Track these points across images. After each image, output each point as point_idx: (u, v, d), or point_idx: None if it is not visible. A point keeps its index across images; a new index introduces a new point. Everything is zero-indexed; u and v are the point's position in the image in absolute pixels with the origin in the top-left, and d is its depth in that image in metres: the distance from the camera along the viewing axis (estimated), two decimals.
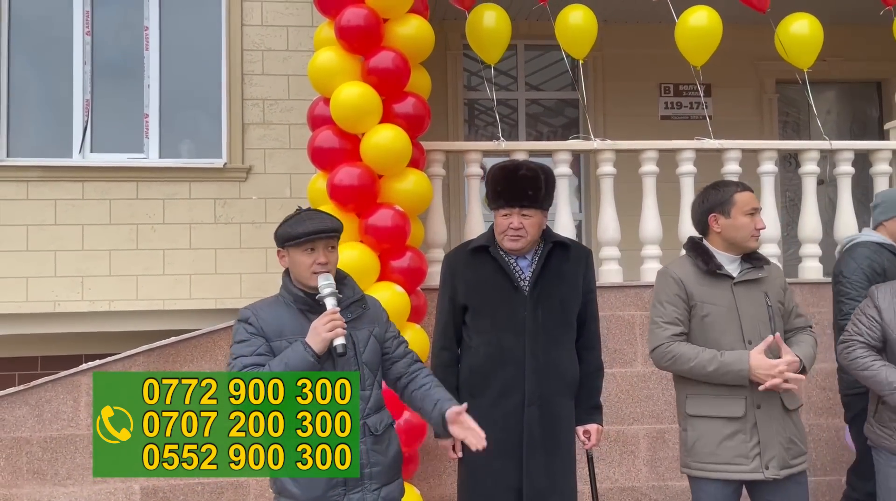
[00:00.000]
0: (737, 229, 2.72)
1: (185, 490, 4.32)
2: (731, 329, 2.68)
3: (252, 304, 2.45)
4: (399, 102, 3.77)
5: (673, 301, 2.74)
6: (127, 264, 5.79)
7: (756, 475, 2.63)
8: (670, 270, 2.83)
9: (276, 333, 2.33)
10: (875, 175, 4.62)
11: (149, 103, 5.98)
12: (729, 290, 2.72)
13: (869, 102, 7.62)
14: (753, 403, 2.64)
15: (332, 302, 2.31)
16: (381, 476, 2.37)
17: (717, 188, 2.82)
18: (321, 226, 2.36)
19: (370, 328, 2.45)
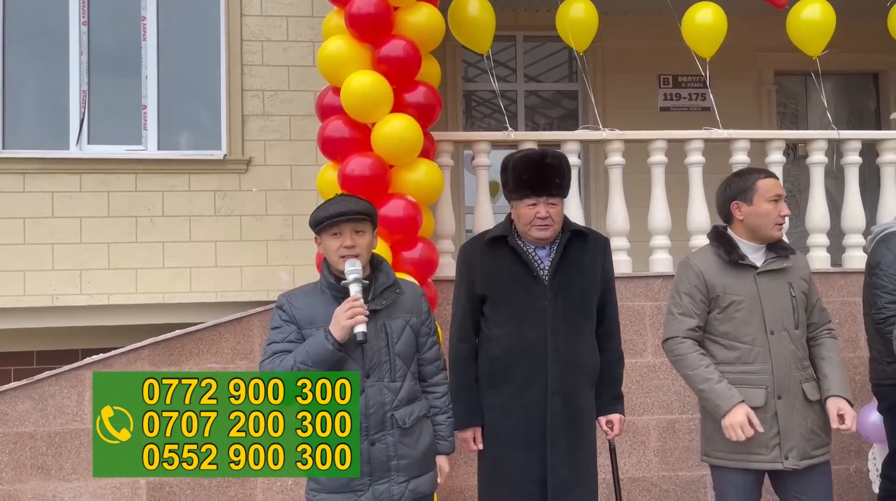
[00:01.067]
0: (759, 216, 2.70)
1: (191, 485, 4.28)
2: (754, 320, 2.67)
3: (290, 290, 2.48)
4: (410, 92, 3.73)
5: (691, 293, 2.73)
6: (126, 257, 5.72)
7: (776, 464, 2.63)
8: (692, 260, 2.81)
9: (308, 320, 2.33)
10: (882, 165, 4.63)
11: (147, 95, 5.90)
12: (752, 280, 2.70)
13: (866, 94, 7.66)
14: (774, 393, 2.63)
15: (356, 288, 2.28)
16: (409, 469, 2.36)
17: (741, 176, 2.80)
18: (343, 208, 2.33)
19: (407, 317, 2.42)
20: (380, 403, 2.32)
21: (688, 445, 4.30)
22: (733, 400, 2.58)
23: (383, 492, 2.31)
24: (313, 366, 2.24)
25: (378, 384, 2.33)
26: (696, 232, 4.47)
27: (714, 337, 2.74)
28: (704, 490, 4.31)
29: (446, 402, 2.54)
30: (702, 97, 7.33)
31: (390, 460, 2.32)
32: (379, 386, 2.33)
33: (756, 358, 2.66)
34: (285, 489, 4.32)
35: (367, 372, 2.32)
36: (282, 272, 5.88)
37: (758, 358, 2.66)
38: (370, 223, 2.40)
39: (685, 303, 2.74)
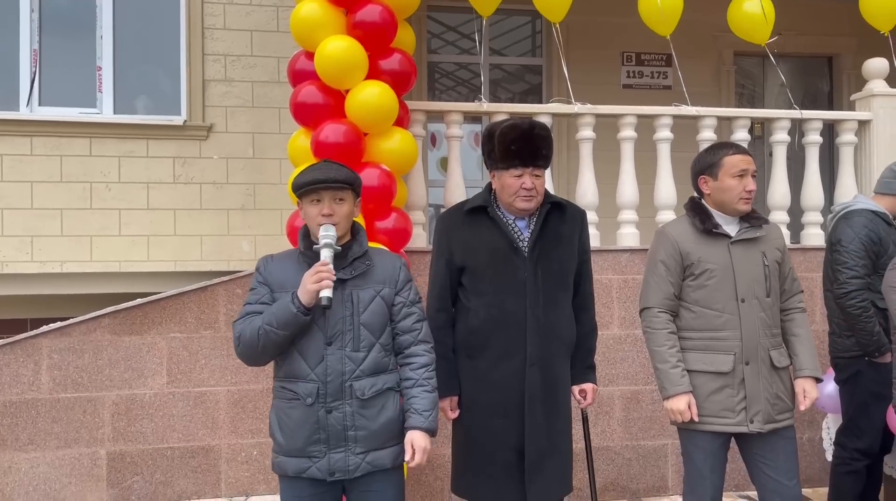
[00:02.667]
0: (723, 191, 2.76)
1: (153, 455, 4.21)
2: (726, 288, 2.74)
3: (271, 254, 2.47)
4: (385, 59, 3.67)
5: (666, 261, 2.80)
6: (80, 223, 5.56)
7: (741, 428, 2.72)
8: (667, 229, 2.87)
9: (279, 284, 2.33)
10: (841, 145, 4.77)
11: (102, 56, 5.71)
12: (726, 249, 2.76)
13: (820, 77, 7.84)
14: (742, 359, 2.72)
15: (327, 254, 2.26)
16: (368, 441, 2.32)
17: (710, 151, 2.85)
18: (323, 175, 2.30)
19: (378, 288, 2.38)
20: (338, 371, 2.29)
21: (650, 415, 4.40)
22: (680, 389, 2.71)
23: (339, 461, 2.29)
24: (278, 328, 2.23)
25: (339, 353, 2.29)
26: (664, 207, 4.53)
27: (686, 304, 2.80)
28: (665, 459, 4.42)
29: (423, 374, 2.42)
30: (664, 76, 7.41)
31: (347, 430, 2.29)
32: (340, 355, 2.29)
33: (726, 325, 2.73)
34: (250, 459, 4.29)
35: (328, 340, 2.30)
36: (243, 242, 5.78)
37: (727, 325, 2.73)
38: (352, 192, 2.36)
39: (661, 271, 2.80)
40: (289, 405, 2.32)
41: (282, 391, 2.35)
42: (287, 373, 2.33)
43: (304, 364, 2.29)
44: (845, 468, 3.56)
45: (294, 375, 2.31)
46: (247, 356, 2.34)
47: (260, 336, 2.25)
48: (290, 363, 2.32)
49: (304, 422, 2.29)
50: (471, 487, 2.73)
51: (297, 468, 2.31)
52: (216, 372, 4.27)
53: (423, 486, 4.18)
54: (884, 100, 4.74)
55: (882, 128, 4.72)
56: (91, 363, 4.17)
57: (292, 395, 2.31)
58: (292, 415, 2.30)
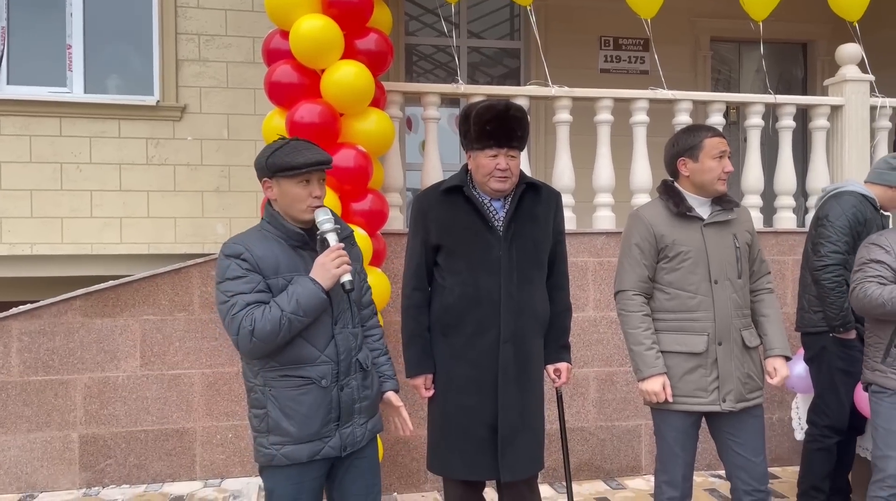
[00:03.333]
0: (703, 172, 2.79)
1: (126, 438, 4.18)
2: (699, 270, 2.77)
3: (238, 237, 2.30)
4: (361, 38, 3.64)
5: (641, 244, 2.81)
6: (50, 205, 5.47)
7: (713, 407, 2.76)
8: (641, 212, 2.88)
9: (272, 269, 2.23)
10: (814, 130, 4.82)
11: (72, 34, 5.60)
12: (699, 231, 2.80)
13: (795, 63, 7.91)
14: (715, 340, 2.76)
15: (335, 238, 2.26)
16: (369, 410, 2.41)
17: (689, 133, 2.87)
18: (319, 158, 2.26)
19: (356, 265, 2.40)
20: (348, 348, 2.32)
21: (625, 396, 4.44)
22: (655, 370, 2.74)
23: (348, 435, 2.32)
24: (304, 316, 2.17)
25: (345, 331, 2.33)
26: (639, 190, 4.56)
27: (660, 286, 2.83)
28: (639, 439, 4.47)
29: (382, 343, 2.58)
30: (641, 60, 7.42)
31: (355, 403, 2.33)
32: (346, 333, 2.33)
33: (699, 306, 2.76)
34: (225, 442, 4.27)
35: (335, 320, 2.31)
36: (218, 225, 5.73)
37: (701, 306, 2.76)
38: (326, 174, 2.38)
39: (635, 254, 2.82)
40: (298, 392, 2.23)
41: (284, 380, 2.24)
42: (290, 360, 2.24)
43: (312, 348, 2.25)
44: (815, 445, 3.64)
45: (300, 361, 2.24)
46: (259, 350, 2.18)
47: (282, 326, 2.14)
48: (293, 350, 2.23)
49: (319, 405, 2.25)
50: (445, 463, 2.75)
51: (310, 452, 2.25)
52: (191, 355, 4.24)
53: (398, 466, 4.20)
54: (856, 85, 4.79)
55: (853, 113, 4.78)
56: (62, 346, 4.11)
57: (302, 381, 2.24)
58: (304, 401, 2.23)
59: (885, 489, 2.88)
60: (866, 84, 4.83)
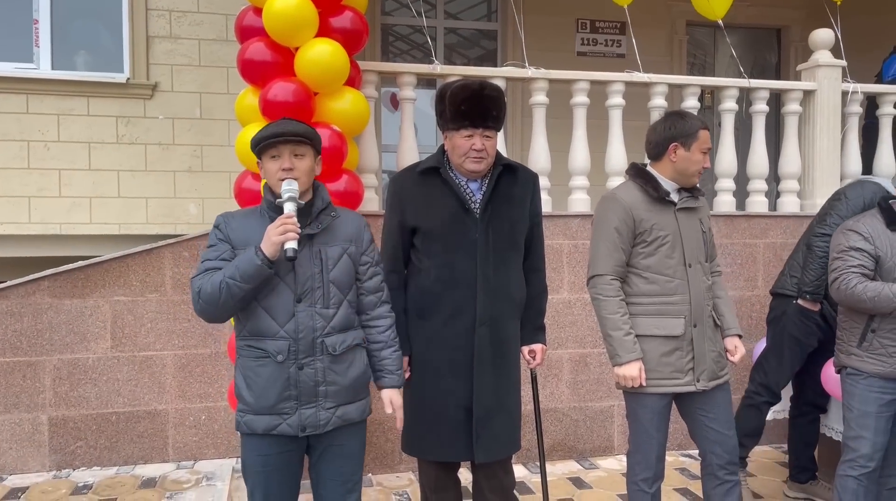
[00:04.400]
0: (691, 163, 2.80)
1: (97, 420, 4.13)
2: (675, 254, 2.80)
3: (229, 211, 2.43)
4: (336, 16, 3.58)
5: (619, 228, 2.80)
6: (17, 184, 5.37)
7: (689, 387, 2.81)
8: (619, 195, 2.87)
9: (243, 240, 2.29)
10: (786, 114, 4.86)
11: (38, 8, 5.47)
12: (673, 216, 2.82)
13: (768, 48, 7.96)
14: (691, 322, 2.80)
15: (290, 207, 2.24)
16: (338, 396, 2.35)
17: (683, 120, 2.85)
18: (281, 129, 2.27)
19: (345, 246, 2.37)
20: (310, 328, 2.29)
21: (598, 378, 4.48)
22: (633, 356, 2.75)
23: (310, 416, 2.30)
24: (241, 281, 2.20)
25: (310, 310, 2.30)
26: (614, 173, 4.57)
27: (637, 270, 2.83)
28: (611, 420, 4.52)
29: (391, 336, 2.50)
30: (617, 44, 7.43)
31: (318, 385, 2.31)
32: (310, 312, 2.30)
33: (676, 290, 2.79)
34: (198, 424, 4.24)
35: (298, 297, 2.29)
36: (190, 205, 5.66)
37: (678, 290, 2.79)
38: (311, 148, 2.33)
39: (613, 238, 2.81)
40: (257, 364, 2.29)
41: (248, 350, 2.32)
42: (253, 331, 2.31)
43: (273, 322, 2.28)
44: (746, 400, 3.83)
45: (261, 333, 2.29)
46: (207, 313, 2.28)
47: (222, 290, 2.21)
48: (255, 321, 2.29)
49: (275, 380, 2.27)
50: (420, 445, 2.75)
51: (267, 425, 2.30)
52: (163, 336, 4.19)
53: (373, 448, 4.20)
54: (828, 70, 4.83)
55: (826, 98, 4.83)
56: (31, 327, 4.04)
57: (261, 353, 2.29)
58: (261, 373, 2.28)
59: (855, 468, 2.95)
60: (839, 69, 4.88)
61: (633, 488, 2.89)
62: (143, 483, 3.93)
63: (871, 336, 2.93)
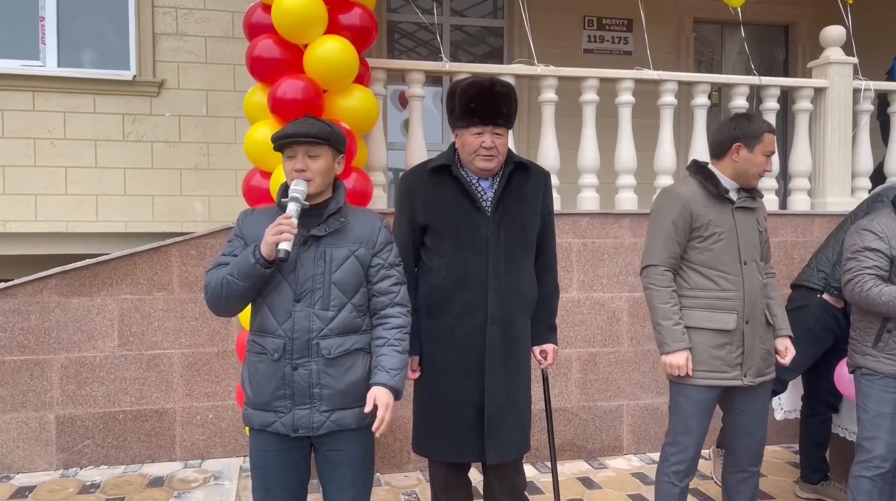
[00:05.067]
0: (752, 165, 2.84)
1: (104, 419, 4.12)
2: (731, 251, 2.84)
3: (251, 208, 2.47)
4: (345, 13, 3.55)
5: (677, 221, 2.84)
6: (23, 181, 5.35)
7: (736, 382, 2.86)
8: (679, 190, 2.90)
9: (254, 238, 2.29)
10: (797, 112, 4.82)
11: (45, 5, 5.46)
12: (730, 214, 2.87)
13: (777, 45, 7.91)
14: (743, 318, 2.84)
15: (292, 207, 2.23)
16: (333, 400, 2.29)
17: (751, 121, 2.87)
18: (294, 130, 2.26)
19: (353, 247, 2.33)
20: (305, 329, 2.26)
21: (607, 377, 4.46)
22: (681, 345, 2.81)
23: (303, 417, 2.28)
24: (238, 279, 2.22)
25: (307, 310, 2.26)
26: (624, 171, 4.54)
27: (692, 265, 2.87)
28: (620, 420, 4.50)
29: (396, 334, 2.36)
30: (624, 41, 7.39)
31: (312, 387, 2.27)
32: (308, 312, 2.26)
33: (730, 286, 2.82)
34: (206, 422, 4.22)
35: (297, 297, 2.27)
36: (196, 203, 5.65)
37: (732, 286, 2.83)
38: (328, 148, 2.30)
39: (670, 231, 2.84)
40: (257, 359, 2.32)
41: (253, 345, 2.35)
42: (258, 327, 2.33)
43: (273, 320, 2.29)
44: None
45: (264, 329, 2.31)
46: (214, 306, 2.32)
47: (223, 286, 2.24)
48: (261, 318, 2.32)
49: (271, 377, 2.28)
50: (431, 445, 2.73)
51: (262, 421, 2.32)
52: (170, 334, 4.18)
53: (381, 447, 4.18)
54: (839, 67, 4.80)
55: (837, 96, 4.79)
56: (38, 325, 4.03)
57: (260, 349, 2.31)
58: (260, 369, 2.31)
59: (870, 469, 2.93)
60: (850, 67, 4.84)
61: (663, 480, 2.94)
62: (150, 482, 3.92)
63: (887, 337, 2.91)
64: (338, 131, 2.36)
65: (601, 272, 4.42)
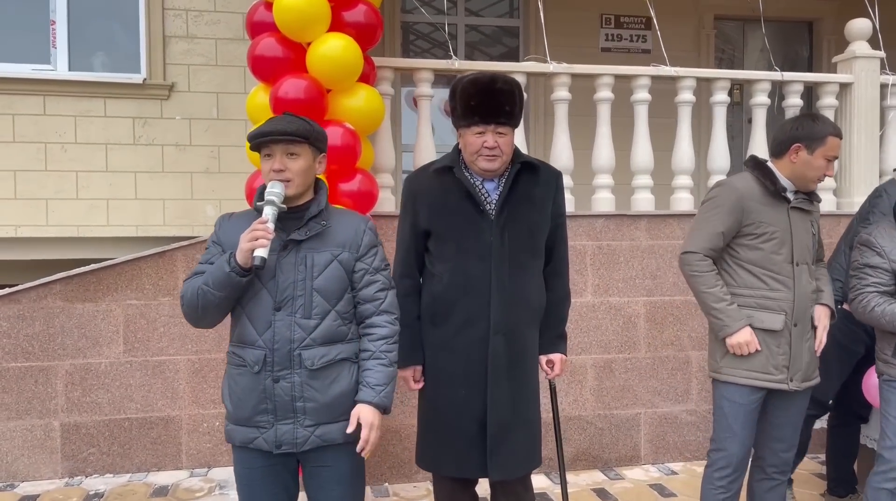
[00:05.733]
0: (811, 168, 2.72)
1: (110, 426, 4.06)
2: (783, 251, 2.73)
3: (230, 212, 2.33)
4: (349, 10, 3.46)
5: (729, 214, 2.73)
6: (35, 186, 5.33)
7: (781, 385, 2.75)
8: (736, 184, 2.78)
9: (231, 244, 2.16)
10: (821, 109, 4.65)
11: (55, 9, 5.43)
12: (786, 213, 2.75)
13: (800, 42, 7.71)
14: (792, 320, 2.74)
15: (269, 211, 2.10)
16: (317, 414, 2.17)
17: (815, 121, 2.76)
18: (271, 128, 2.14)
19: (336, 251, 2.20)
20: (287, 339, 2.14)
21: (623, 384, 4.31)
22: (743, 322, 2.70)
23: (286, 433, 2.16)
24: (213, 288, 2.09)
25: (288, 319, 2.14)
26: (640, 172, 4.40)
27: (741, 262, 2.76)
28: (638, 428, 4.35)
29: (381, 347, 2.22)
30: (643, 39, 7.24)
31: (295, 401, 2.15)
32: (289, 321, 2.14)
33: (780, 286, 2.73)
34: (212, 430, 4.15)
35: (277, 305, 2.15)
36: (207, 206, 5.59)
37: (782, 286, 2.73)
38: (309, 146, 2.19)
39: (718, 222, 2.73)
40: (237, 372, 2.20)
41: (232, 357, 2.23)
42: (238, 338, 2.21)
43: (253, 330, 2.16)
44: None
45: (243, 341, 2.18)
46: (189, 317, 2.20)
47: (199, 296, 2.12)
48: (240, 328, 2.19)
49: (252, 390, 2.16)
50: (434, 460, 2.62)
51: (244, 438, 2.19)
52: (176, 340, 4.11)
53: (390, 456, 4.08)
54: (866, 62, 4.61)
55: (863, 91, 4.61)
56: (42, 331, 3.98)
57: (240, 361, 2.19)
58: (240, 382, 2.18)
59: (891, 480, 2.77)
60: (877, 61, 4.66)
61: (709, 487, 2.84)
62: (155, 491, 3.85)
63: None
64: (318, 129, 2.24)
65: (617, 276, 4.27)
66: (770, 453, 2.89)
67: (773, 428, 2.86)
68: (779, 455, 2.88)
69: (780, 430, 2.86)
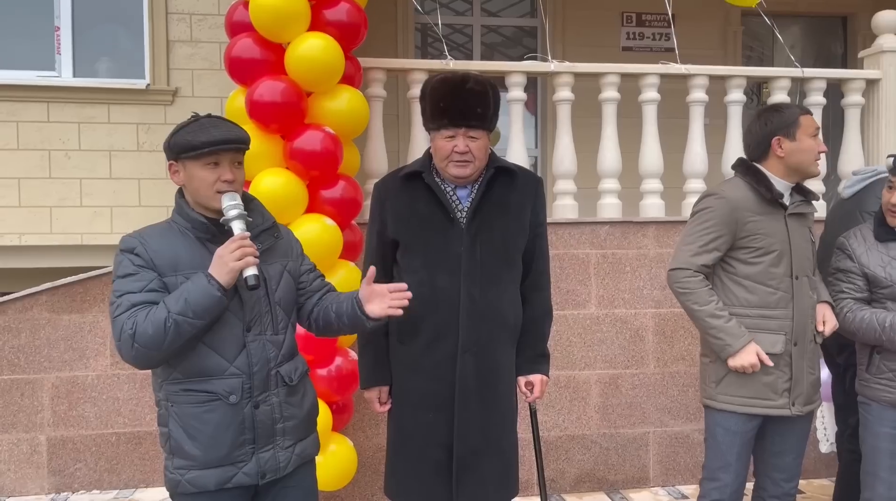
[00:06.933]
0: (803, 152, 2.53)
1: (97, 441, 3.95)
2: (782, 264, 2.52)
3: (138, 231, 2.01)
4: (330, 8, 3.30)
5: (719, 228, 2.51)
6: (39, 193, 5.29)
7: (783, 411, 2.54)
8: (726, 193, 2.56)
9: (171, 266, 1.92)
10: (847, 107, 4.35)
11: (60, 15, 5.40)
12: (783, 222, 2.54)
13: (834, 38, 7.35)
14: (792, 340, 2.54)
15: (241, 226, 1.92)
16: (296, 431, 2.06)
17: (780, 110, 2.59)
18: (228, 135, 1.95)
19: (283, 262, 2.08)
20: (264, 359, 2.00)
21: (630, 401, 4.06)
22: (744, 340, 2.48)
23: (268, 460, 2.00)
24: (194, 318, 1.86)
25: (260, 338, 2.00)
26: (649, 176, 4.16)
27: (737, 278, 2.54)
28: (646, 448, 4.10)
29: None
30: (666, 37, 6.96)
31: (276, 423, 2.01)
32: (261, 341, 2.00)
33: (779, 303, 2.52)
34: None
35: (247, 325, 1.99)
36: None
37: (780, 303, 2.52)
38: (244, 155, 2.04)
39: (709, 238, 2.52)
40: (202, 410, 1.94)
41: (187, 395, 1.95)
42: (192, 372, 1.95)
43: (220, 358, 1.95)
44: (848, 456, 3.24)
45: (205, 373, 1.94)
46: (144, 358, 1.90)
47: (168, 329, 1.83)
48: (195, 361, 1.94)
49: (228, 425, 1.95)
50: (400, 488, 2.43)
51: (220, 479, 1.96)
52: None
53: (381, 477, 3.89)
54: (894, 56, 4.30)
55: (892, 87, 4.30)
56: (28, 343, 3.90)
57: (206, 396, 1.94)
58: (209, 420, 1.94)
59: None
60: None
61: None
62: None
63: (877, 358, 2.59)
64: None
65: (623, 287, 4.03)
66: (771, 483, 2.67)
67: (773, 457, 2.65)
68: (780, 485, 2.65)
69: (780, 458, 2.64)
